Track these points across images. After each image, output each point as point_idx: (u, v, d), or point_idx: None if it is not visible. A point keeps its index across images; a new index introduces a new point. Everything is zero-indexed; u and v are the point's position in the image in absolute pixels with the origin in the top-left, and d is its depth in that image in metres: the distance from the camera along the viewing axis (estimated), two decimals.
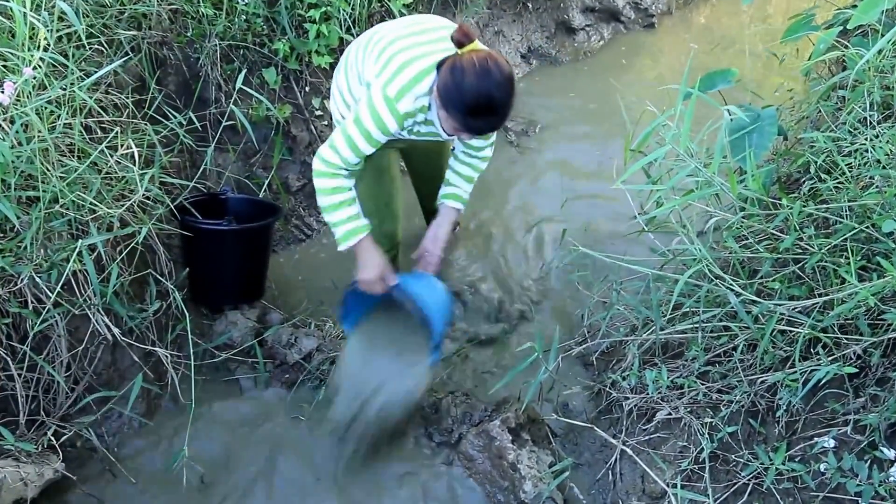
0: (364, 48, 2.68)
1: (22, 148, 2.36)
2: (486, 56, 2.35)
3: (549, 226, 3.81)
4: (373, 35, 2.70)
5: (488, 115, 2.40)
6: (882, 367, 2.22)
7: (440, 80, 2.40)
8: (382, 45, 2.57)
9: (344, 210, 2.64)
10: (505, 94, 2.37)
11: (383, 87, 2.47)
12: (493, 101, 2.36)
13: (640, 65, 5.50)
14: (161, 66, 3.31)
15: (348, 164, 2.60)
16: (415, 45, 2.51)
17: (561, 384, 2.97)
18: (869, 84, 2.53)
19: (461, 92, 2.34)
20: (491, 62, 2.34)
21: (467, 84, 2.33)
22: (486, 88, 2.33)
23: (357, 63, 2.71)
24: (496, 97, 2.35)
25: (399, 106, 2.47)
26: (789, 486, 2.21)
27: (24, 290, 2.45)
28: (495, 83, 2.33)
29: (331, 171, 2.60)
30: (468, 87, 2.33)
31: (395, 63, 2.48)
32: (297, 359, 3.00)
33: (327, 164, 2.60)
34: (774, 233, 2.41)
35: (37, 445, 2.47)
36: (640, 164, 2.23)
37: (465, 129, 2.46)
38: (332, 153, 2.58)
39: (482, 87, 2.33)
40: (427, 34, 2.57)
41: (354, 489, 2.64)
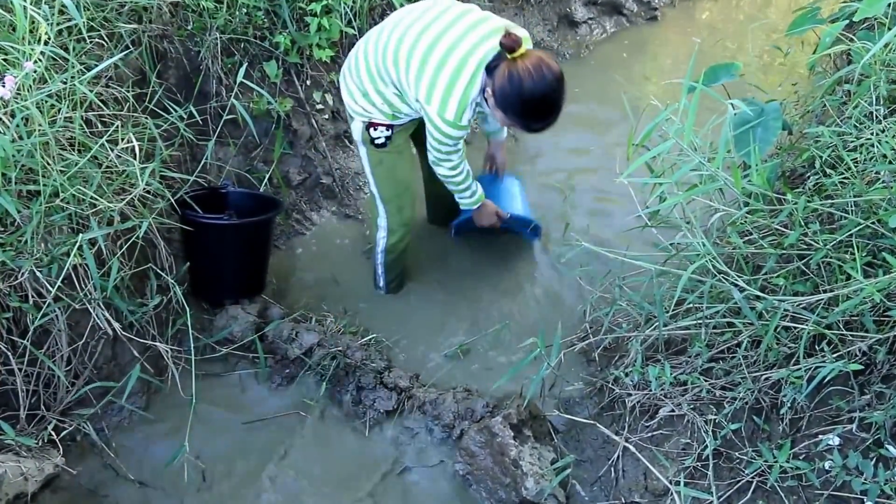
0: (393, 53, 2.73)
1: (22, 142, 2.34)
2: (539, 60, 2.53)
3: (550, 220, 3.79)
4: (393, 31, 2.75)
5: (548, 116, 2.62)
6: (888, 364, 2.21)
7: (497, 86, 2.57)
8: (419, 56, 2.66)
9: (472, 188, 3.13)
10: (560, 94, 2.59)
11: (441, 116, 2.67)
12: (551, 103, 2.58)
13: (643, 58, 5.47)
14: (161, 60, 3.29)
15: (460, 157, 2.95)
16: (451, 50, 2.63)
17: (563, 380, 2.96)
18: (875, 78, 2.51)
19: (521, 98, 2.54)
20: (545, 66, 2.53)
21: (526, 92, 2.52)
22: (544, 92, 2.54)
23: (382, 71, 2.79)
24: (553, 98, 2.57)
25: (463, 121, 2.70)
26: (794, 484, 2.20)
27: (24, 284, 2.45)
28: (551, 86, 2.54)
29: (456, 169, 2.98)
30: (527, 95, 2.53)
31: (440, 86, 2.64)
32: (298, 354, 2.99)
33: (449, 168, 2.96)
34: (779, 228, 2.40)
35: (37, 440, 2.47)
36: (644, 158, 2.22)
37: (526, 130, 2.74)
38: (447, 162, 2.92)
39: (539, 92, 2.53)
40: (455, 27, 2.66)
41: (356, 484, 2.64)
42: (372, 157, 3.03)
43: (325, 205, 3.85)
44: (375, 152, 3.00)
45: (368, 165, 3.06)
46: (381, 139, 2.96)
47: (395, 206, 3.15)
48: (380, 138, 2.95)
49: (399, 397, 2.90)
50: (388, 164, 3.05)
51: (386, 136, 2.95)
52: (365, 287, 3.47)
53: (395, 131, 2.96)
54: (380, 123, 2.91)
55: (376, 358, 3.01)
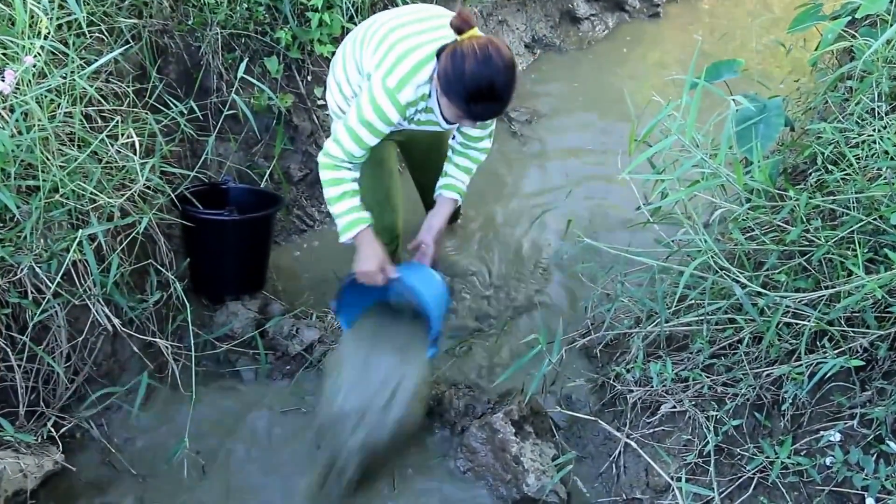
0: (362, 39, 2.67)
1: (22, 137, 2.34)
2: (487, 42, 2.35)
3: (552, 216, 3.78)
4: (370, 25, 2.68)
5: (490, 101, 2.39)
6: (889, 360, 2.21)
7: (440, 66, 2.40)
8: (381, 34, 2.56)
9: (345, 202, 2.65)
10: (506, 79, 2.36)
11: (383, 78, 2.47)
12: (494, 87, 2.35)
13: (645, 55, 5.47)
14: (162, 55, 3.29)
15: (352, 157, 2.61)
16: (414, 34, 2.50)
17: (564, 376, 2.95)
18: (877, 75, 2.51)
19: (462, 78, 2.34)
20: (492, 48, 2.33)
21: (468, 70, 2.32)
22: (488, 74, 2.33)
23: (355, 53, 2.70)
24: (497, 83, 2.35)
25: (400, 96, 2.47)
26: (795, 480, 2.20)
27: (23, 280, 2.44)
28: (496, 69, 2.33)
29: (333, 164, 2.63)
30: (469, 74, 2.32)
31: (394, 53, 2.48)
32: (299, 350, 2.99)
33: (331, 157, 2.62)
34: (780, 224, 2.39)
35: (36, 437, 2.47)
36: (646, 154, 2.21)
37: (467, 115, 2.46)
38: (336, 146, 2.60)
39: (483, 72, 2.32)
40: (426, 22, 2.56)
41: (357, 481, 2.63)
42: None
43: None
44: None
45: None
46: None
47: (374, 213, 2.91)
48: None
49: None
50: (367, 173, 2.89)
51: None
52: None
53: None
54: None
55: None
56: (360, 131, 2.55)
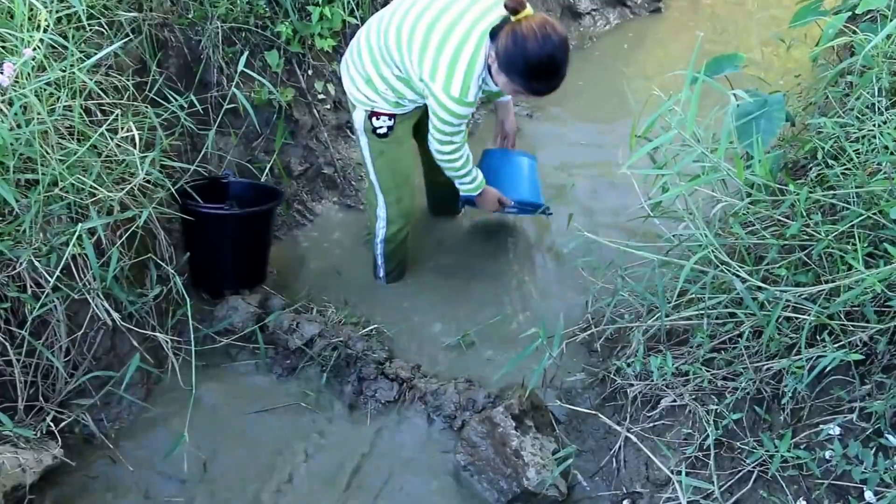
0: (391, 34, 2.73)
1: (21, 130, 2.33)
2: (543, 21, 2.52)
3: (553, 210, 3.78)
4: (394, 18, 2.74)
5: (552, 78, 2.59)
6: (888, 354, 2.20)
7: (500, 48, 2.55)
8: (421, 35, 2.65)
9: (472, 173, 3.10)
10: (564, 55, 2.56)
11: (447, 91, 2.65)
12: (555, 64, 2.55)
13: (646, 50, 5.46)
14: (162, 49, 3.28)
15: (461, 140, 2.93)
16: (451, 28, 2.62)
17: (565, 371, 2.95)
18: (877, 70, 2.51)
19: (526, 59, 2.52)
20: (549, 27, 2.51)
21: (531, 51, 2.50)
22: (549, 53, 2.51)
23: (385, 52, 2.77)
24: (558, 59, 2.54)
25: (469, 97, 2.67)
26: (794, 474, 2.20)
27: (22, 274, 2.44)
28: (556, 46, 2.51)
29: (456, 153, 2.95)
30: (532, 54, 2.50)
31: (444, 58, 2.62)
32: (299, 345, 2.98)
33: (449, 153, 2.94)
34: (781, 219, 2.39)
35: (35, 431, 2.46)
36: (646, 149, 2.21)
37: (530, 92, 2.67)
38: (448, 144, 2.89)
39: (544, 51, 2.50)
40: (455, 4, 2.66)
41: (358, 475, 2.63)
42: (373, 147, 3.02)
43: (327, 195, 3.85)
44: (377, 142, 2.99)
45: (369, 155, 3.05)
46: (384, 129, 2.95)
47: (394, 197, 3.14)
48: (382, 128, 2.94)
49: (400, 388, 2.90)
50: (389, 155, 3.04)
51: (388, 126, 2.95)
52: (366, 278, 3.46)
53: (398, 121, 2.95)
54: (383, 113, 2.91)
55: (377, 348, 3.01)
56: (455, 128, 2.82)
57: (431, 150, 2.97)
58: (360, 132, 3.00)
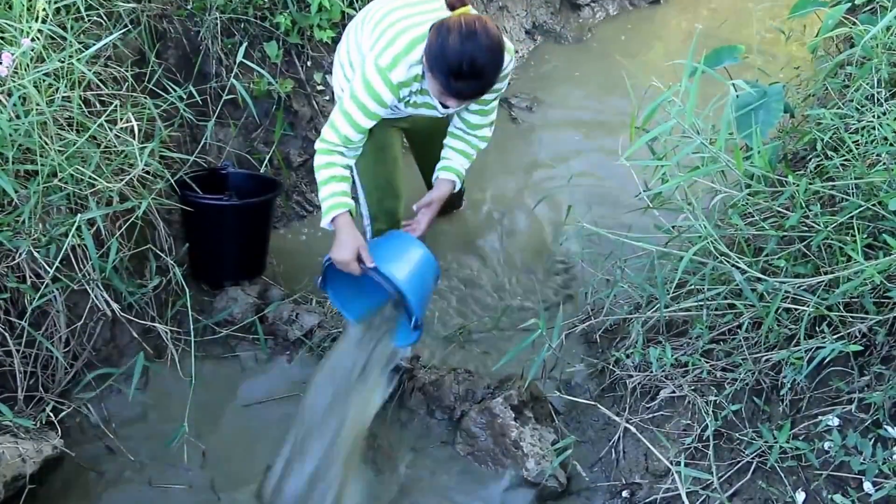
0: (362, 22, 2.68)
1: (20, 121, 2.33)
2: (475, 19, 2.32)
3: (552, 202, 3.78)
4: (370, 7, 2.69)
5: (471, 79, 2.35)
6: (887, 345, 2.21)
7: (427, 42, 2.37)
8: (378, 17, 2.57)
9: (330, 186, 2.62)
10: (489, 58, 2.33)
11: (376, 58, 2.46)
12: (475, 64, 2.31)
13: (645, 41, 5.45)
14: (161, 40, 3.27)
15: (347, 141, 2.60)
16: (409, 16, 2.50)
17: (564, 362, 2.96)
18: (877, 61, 2.50)
19: (444, 52, 2.31)
20: (479, 24, 2.30)
21: (451, 45, 2.29)
22: (470, 50, 2.29)
23: (356, 37, 2.71)
24: (479, 60, 2.31)
25: (392, 75, 2.45)
26: (793, 465, 2.20)
27: (22, 264, 2.44)
28: (479, 46, 2.29)
29: (328, 149, 2.61)
30: (451, 48, 2.29)
31: (388, 34, 2.47)
32: (299, 335, 2.99)
33: (326, 142, 2.61)
34: (780, 210, 2.39)
35: (35, 422, 2.46)
36: (645, 139, 2.21)
37: (448, 91, 2.40)
38: (332, 131, 2.59)
39: (465, 48, 2.28)
40: (424, 4, 2.55)
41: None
42: None
43: None
44: None
45: None
46: None
47: (374, 197, 3.05)
48: None
49: (399, 379, 2.90)
50: (370, 158, 2.92)
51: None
52: None
53: (375, 125, 2.72)
54: None
55: None
56: (355, 113, 2.53)
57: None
58: None
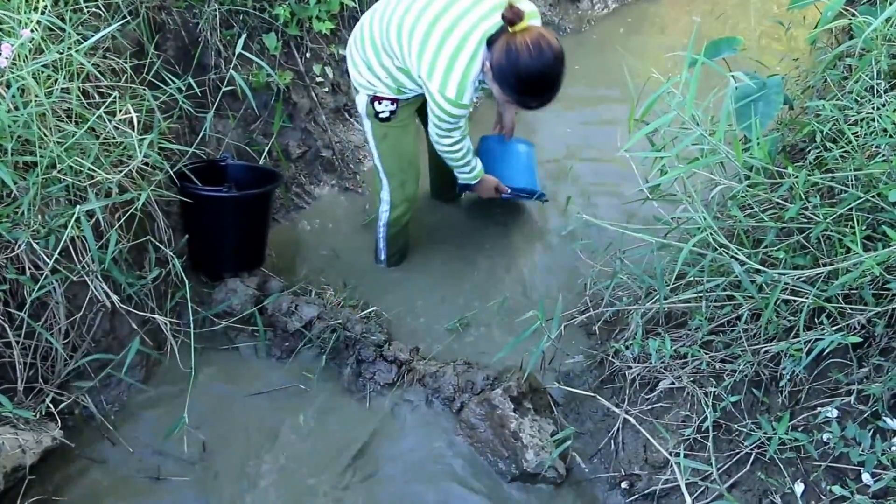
0: (393, 28, 2.72)
1: (19, 112, 2.33)
2: (539, 36, 2.47)
3: (551, 193, 3.78)
4: (397, 11, 2.73)
5: (542, 94, 2.57)
6: (886, 336, 2.21)
7: (495, 60, 2.53)
8: (422, 32, 2.64)
9: (472, 163, 3.12)
10: (558, 72, 2.53)
11: (442, 93, 2.64)
12: (546, 81, 2.53)
13: (645, 34, 5.44)
14: (160, 31, 3.26)
15: (462, 134, 2.92)
16: (452, 28, 2.60)
17: (563, 353, 2.96)
18: (876, 53, 2.51)
19: (517, 74, 2.49)
20: (544, 42, 2.47)
21: (522, 66, 2.47)
22: (540, 70, 2.48)
23: (386, 44, 2.77)
24: (549, 76, 2.52)
25: (465, 99, 2.66)
26: (792, 456, 2.21)
27: (21, 256, 2.44)
28: (548, 63, 2.48)
29: (456, 145, 2.95)
30: (524, 70, 2.48)
31: (441, 63, 2.61)
32: (298, 327, 2.99)
33: (449, 145, 2.95)
34: (779, 202, 2.39)
35: (35, 413, 2.47)
36: (645, 130, 2.21)
37: (521, 106, 2.69)
38: (447, 137, 2.90)
39: (536, 68, 2.47)
40: (457, 3, 2.63)
41: (357, 457, 2.64)
42: (376, 131, 3.02)
43: (325, 178, 3.84)
44: (380, 126, 2.99)
45: (373, 139, 3.05)
46: (386, 113, 2.95)
47: (397, 181, 3.14)
48: (384, 112, 2.94)
49: (399, 370, 2.90)
50: (393, 139, 3.04)
51: (391, 111, 2.94)
52: (365, 260, 3.47)
53: (400, 106, 2.94)
54: (384, 97, 2.90)
55: (376, 331, 3.01)
56: (453, 125, 2.82)
57: (432, 140, 2.98)
58: (364, 116, 3.00)
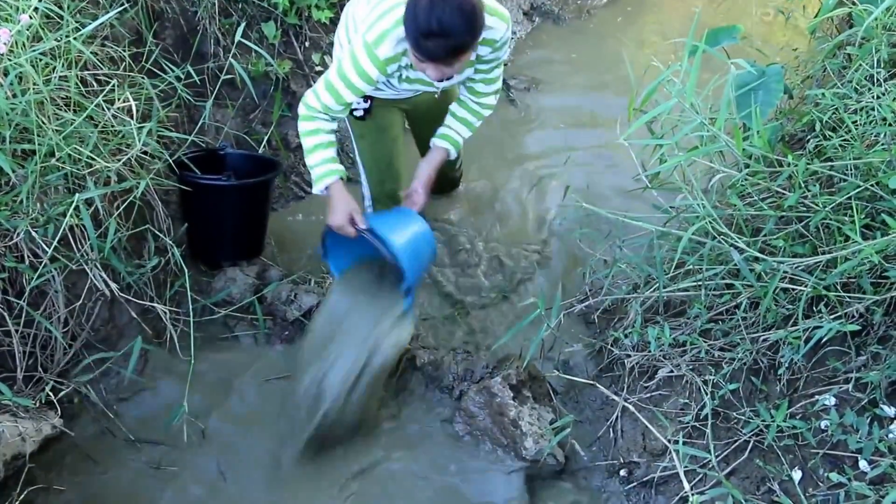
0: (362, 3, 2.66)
1: (17, 100, 2.32)
2: None
3: (551, 183, 3.78)
4: None
5: (439, 37, 2.31)
6: (884, 325, 2.22)
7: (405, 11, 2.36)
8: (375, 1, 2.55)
9: (320, 153, 2.65)
10: (458, 16, 2.29)
11: (364, 34, 2.47)
12: (443, 23, 2.28)
13: (644, 23, 5.43)
14: (158, 19, 3.26)
15: (329, 111, 2.61)
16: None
17: (562, 342, 2.96)
18: (876, 41, 2.50)
19: (415, 13, 2.29)
20: None
21: (420, 6, 2.28)
22: (439, 10, 2.27)
23: (353, 13, 2.71)
24: (446, 18, 2.28)
25: (379, 51, 2.46)
26: (790, 443, 2.21)
27: (20, 244, 2.43)
28: (449, 5, 2.27)
29: (310, 115, 2.63)
30: (421, 8, 2.28)
31: (378, 10, 2.47)
32: (297, 315, 2.99)
33: (308, 108, 2.63)
34: (779, 190, 2.39)
35: (34, 401, 2.46)
36: (646, 118, 2.21)
37: (419, 52, 2.38)
38: (314, 98, 2.61)
39: (434, 9, 2.27)
40: None
41: (356, 445, 2.65)
42: (354, 128, 3.00)
43: None
44: (356, 124, 2.96)
45: (351, 135, 3.04)
46: (360, 111, 2.88)
47: (375, 179, 3.10)
48: (358, 110, 2.88)
49: (398, 359, 2.90)
50: (370, 139, 2.99)
51: (364, 108, 2.88)
52: None
53: (376, 105, 2.87)
54: None
55: None
56: (338, 85, 2.55)
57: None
58: None
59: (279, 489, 2.55)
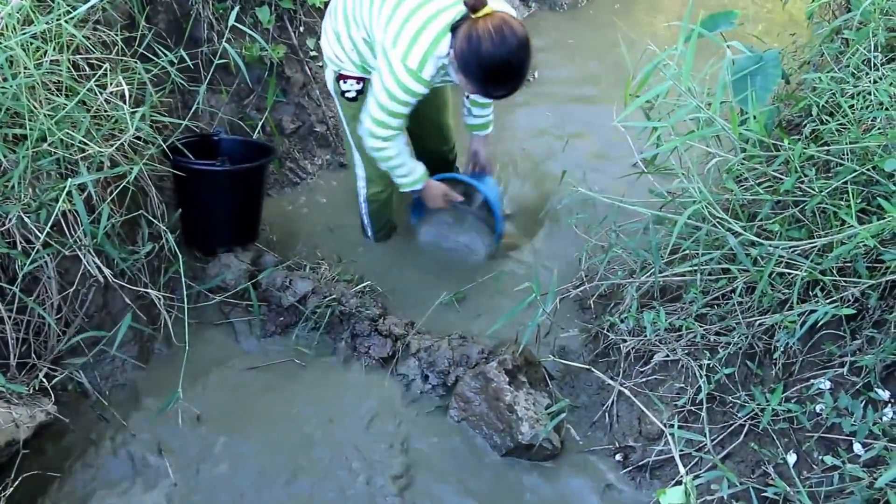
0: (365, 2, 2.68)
1: (7, 84, 2.30)
2: (501, 22, 2.39)
3: (547, 167, 3.77)
4: None
5: (507, 81, 2.48)
6: (879, 309, 2.21)
7: (457, 47, 2.46)
8: (389, 9, 2.59)
9: (410, 163, 3.00)
10: (521, 58, 2.44)
11: (403, 61, 2.55)
12: (510, 68, 2.44)
13: (640, 8, 5.42)
14: (151, 3, 3.23)
15: (399, 129, 2.83)
16: (421, 5, 2.54)
17: (558, 327, 2.96)
18: (874, 26, 2.49)
19: (479, 61, 2.41)
20: (506, 28, 2.39)
21: (485, 53, 2.39)
22: (503, 56, 2.40)
23: (357, 14, 2.72)
24: (513, 63, 2.43)
25: (424, 73, 2.57)
26: (785, 427, 2.22)
27: (12, 230, 2.42)
28: (511, 49, 2.40)
29: (388, 138, 2.83)
30: (486, 57, 2.39)
31: (408, 30, 2.53)
32: (292, 301, 2.98)
33: (383, 139, 2.83)
34: (775, 175, 2.38)
35: (28, 388, 2.45)
36: (642, 100, 2.20)
37: (486, 95, 2.58)
38: (380, 128, 2.78)
39: (498, 55, 2.39)
40: None
41: (350, 432, 2.64)
42: (345, 110, 3.01)
43: (319, 153, 3.83)
44: (348, 106, 2.98)
45: (343, 117, 3.05)
46: (352, 93, 2.92)
47: (367, 158, 3.09)
48: (350, 92, 2.92)
49: (394, 344, 2.90)
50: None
51: (357, 90, 2.91)
52: (359, 235, 3.47)
53: (367, 87, 2.89)
54: (349, 76, 2.88)
55: (371, 305, 3.01)
56: (396, 108, 2.70)
57: (363, 139, 2.89)
58: (332, 93, 3.01)
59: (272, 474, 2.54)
